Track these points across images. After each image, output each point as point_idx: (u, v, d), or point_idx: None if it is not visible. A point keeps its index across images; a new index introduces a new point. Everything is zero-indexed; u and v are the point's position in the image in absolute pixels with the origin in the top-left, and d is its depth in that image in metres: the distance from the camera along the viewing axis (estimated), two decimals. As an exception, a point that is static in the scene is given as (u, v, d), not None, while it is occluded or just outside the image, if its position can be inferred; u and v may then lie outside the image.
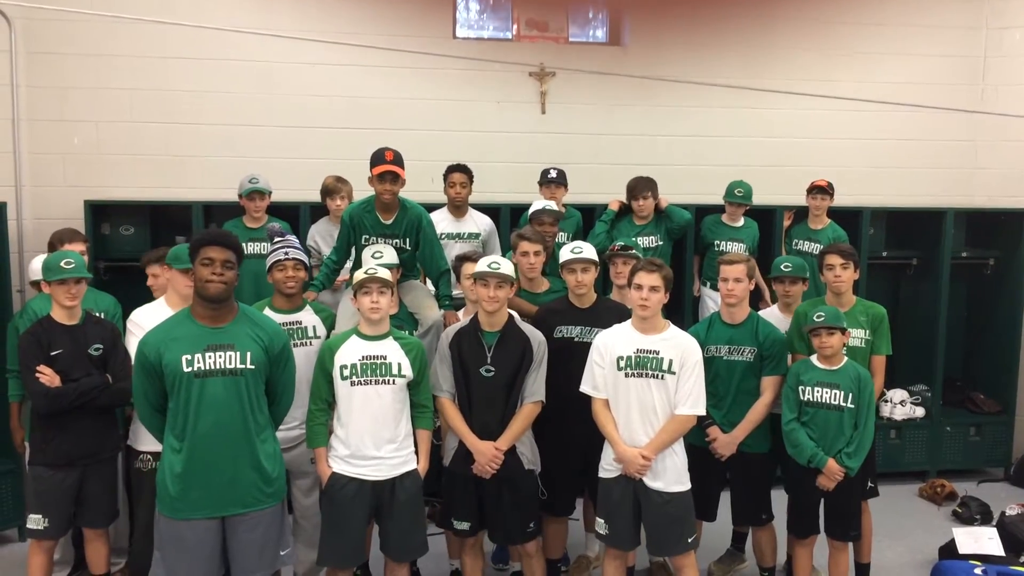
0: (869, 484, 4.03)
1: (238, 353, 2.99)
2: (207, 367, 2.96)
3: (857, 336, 4.00)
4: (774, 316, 4.24)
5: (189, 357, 2.95)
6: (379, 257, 3.82)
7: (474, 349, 3.58)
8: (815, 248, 5.13)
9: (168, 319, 3.16)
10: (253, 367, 3.02)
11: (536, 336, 3.64)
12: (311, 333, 3.80)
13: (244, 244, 4.62)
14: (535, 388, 3.59)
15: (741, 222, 5.36)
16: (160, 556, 3.07)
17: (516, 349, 3.57)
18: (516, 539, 3.71)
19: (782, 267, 4.25)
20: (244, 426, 3.02)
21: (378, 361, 3.41)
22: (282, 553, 3.20)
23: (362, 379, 3.39)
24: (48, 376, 3.50)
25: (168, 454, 3.02)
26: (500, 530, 3.71)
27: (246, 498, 3.04)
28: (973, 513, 5.10)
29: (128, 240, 5.28)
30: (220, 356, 2.98)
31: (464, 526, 3.65)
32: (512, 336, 3.60)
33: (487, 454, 3.51)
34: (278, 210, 4.96)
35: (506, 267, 3.57)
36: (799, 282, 4.24)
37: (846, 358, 3.79)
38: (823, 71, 6.11)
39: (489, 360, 3.56)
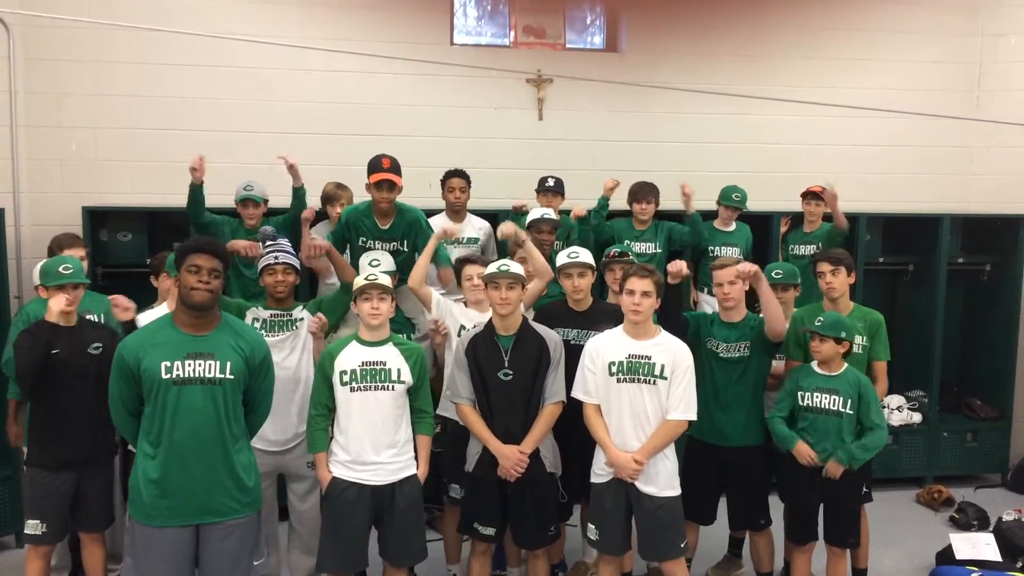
0: (864, 489, 4.04)
1: (218, 362, 2.98)
2: (186, 375, 2.94)
3: (855, 342, 3.99)
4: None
5: (168, 364, 2.93)
6: (377, 264, 3.83)
7: (491, 354, 3.56)
8: (810, 250, 5.14)
9: (149, 324, 3.15)
10: (232, 377, 3.00)
11: (552, 336, 3.63)
12: (299, 327, 3.83)
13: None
14: (555, 388, 3.57)
15: (733, 227, 5.37)
16: (131, 562, 3.04)
17: (533, 351, 3.56)
18: (537, 543, 3.68)
19: (773, 274, 4.26)
20: (220, 435, 2.99)
21: (377, 367, 3.42)
22: (256, 563, 3.15)
23: (361, 385, 3.40)
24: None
25: (142, 460, 2.99)
26: (522, 534, 3.69)
27: (221, 507, 3.02)
28: (970, 519, 5.10)
29: (126, 246, 5.27)
30: (200, 364, 2.96)
31: (490, 531, 3.64)
32: (528, 338, 3.58)
33: (512, 458, 3.49)
34: (278, 215, 4.96)
35: (515, 267, 3.58)
36: (790, 288, 4.28)
37: (846, 364, 3.79)
38: (819, 78, 6.13)
39: (507, 364, 3.54)
